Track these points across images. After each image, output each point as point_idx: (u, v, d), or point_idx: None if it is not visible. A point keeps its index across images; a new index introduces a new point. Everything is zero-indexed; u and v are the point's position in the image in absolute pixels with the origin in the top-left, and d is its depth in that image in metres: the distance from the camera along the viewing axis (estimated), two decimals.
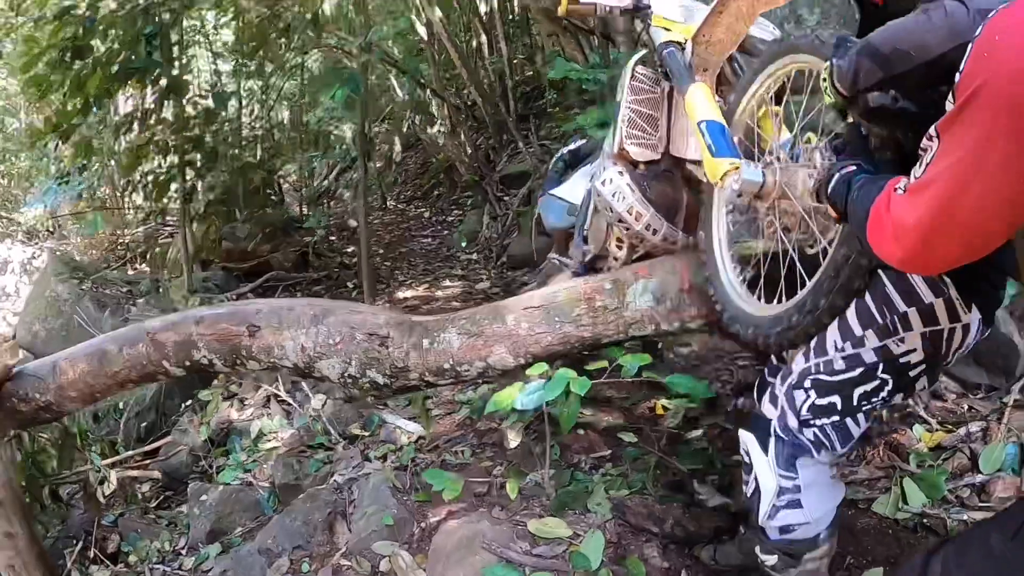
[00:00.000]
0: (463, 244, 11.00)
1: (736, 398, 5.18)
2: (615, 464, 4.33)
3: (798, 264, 2.78)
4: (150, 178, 8.67)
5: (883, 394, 2.65)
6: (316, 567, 4.11)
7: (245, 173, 10.14)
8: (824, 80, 2.32)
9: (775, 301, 2.94)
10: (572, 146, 5.12)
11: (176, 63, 8.04)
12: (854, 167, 2.22)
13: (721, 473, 4.19)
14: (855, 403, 2.67)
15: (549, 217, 4.84)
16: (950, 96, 1.54)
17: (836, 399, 2.66)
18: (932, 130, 1.60)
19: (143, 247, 12.86)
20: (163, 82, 7.84)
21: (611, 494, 3.90)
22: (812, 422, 2.71)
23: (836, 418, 2.68)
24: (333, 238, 11.70)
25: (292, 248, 10.76)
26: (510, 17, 13.10)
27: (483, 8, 11.94)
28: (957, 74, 1.50)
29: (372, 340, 3.88)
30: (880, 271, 2.51)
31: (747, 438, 2.97)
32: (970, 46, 1.48)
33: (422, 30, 11.85)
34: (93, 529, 5.96)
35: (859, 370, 2.62)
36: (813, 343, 2.74)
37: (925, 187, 1.63)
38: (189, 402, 7.40)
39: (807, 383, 2.71)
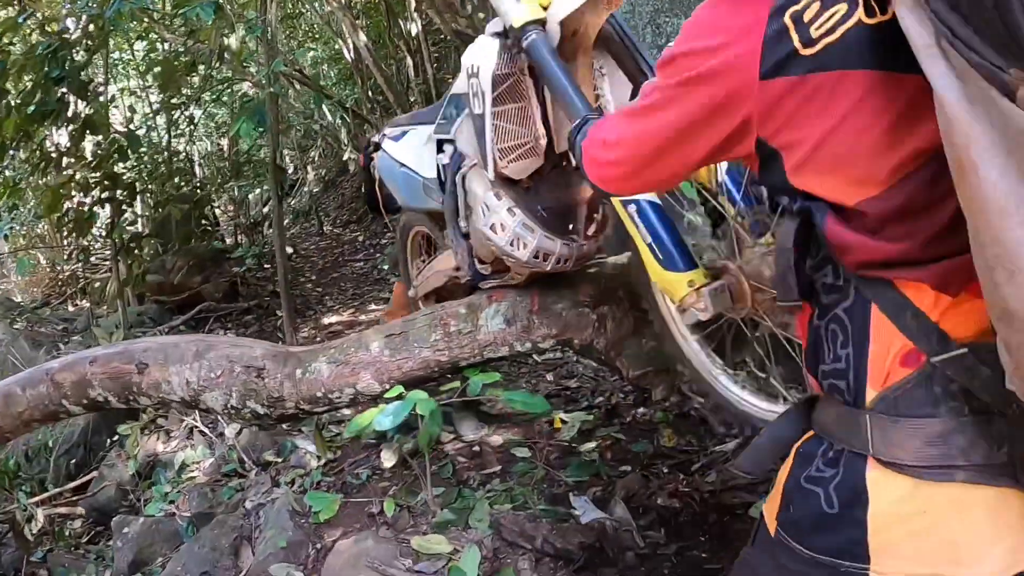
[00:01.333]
0: (385, 267, 11.08)
1: (636, 408, 5.37)
2: (504, 479, 4.48)
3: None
4: (71, 216, 8.71)
5: None
6: None
7: (167, 206, 10.20)
8: None
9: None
10: None
11: (89, 102, 8.09)
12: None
13: (606, 485, 4.36)
14: None
15: (399, 189, 4.43)
16: None
17: None
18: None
19: (81, 283, 12.89)
20: (78, 121, 7.91)
21: (494, 509, 4.04)
22: None
23: None
24: (268, 266, 11.76)
25: (223, 279, 10.81)
26: (438, 39, 13.23)
27: (413, 30, 12.04)
28: None
29: (249, 372, 4.02)
30: None
31: None
32: None
33: (349, 55, 11.96)
34: (23, 567, 6.05)
35: None
36: None
37: (634, 114, 1.77)
38: (116, 437, 7.46)
39: None
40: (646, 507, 4.12)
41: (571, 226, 3.35)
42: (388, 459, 4.56)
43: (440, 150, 3.77)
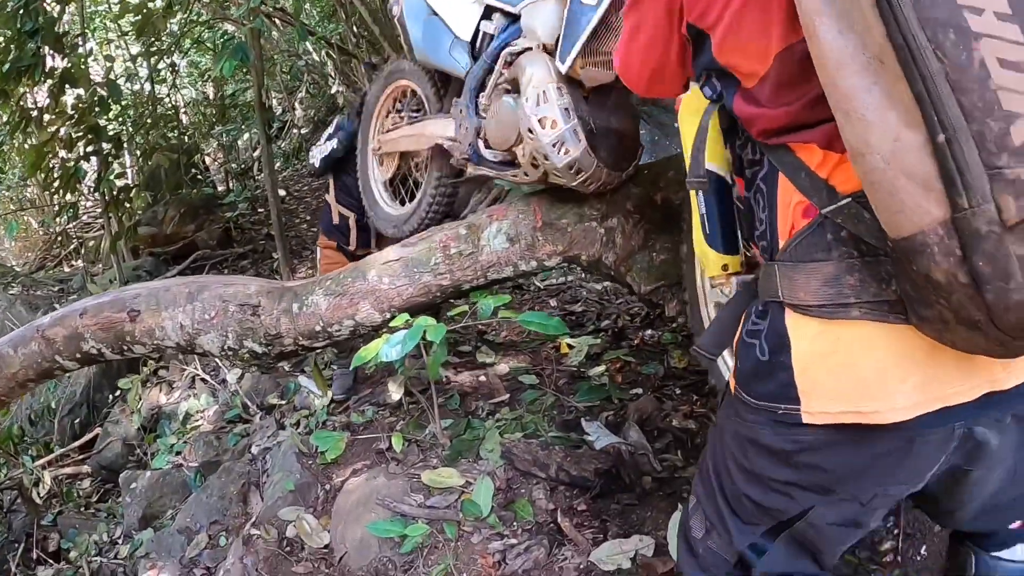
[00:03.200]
0: None
1: (643, 330, 5.26)
2: (513, 408, 4.38)
3: None
4: (58, 174, 8.53)
5: None
6: (232, 539, 4.14)
7: (154, 156, 10.03)
8: None
9: None
10: None
11: (66, 55, 7.89)
12: None
13: (618, 408, 4.25)
14: None
15: (419, 36, 4.08)
16: None
17: None
18: None
19: (74, 243, 12.77)
20: (56, 76, 7.72)
21: (505, 438, 3.94)
22: None
23: None
24: (261, 210, 11.61)
25: (216, 226, 10.67)
26: None
27: None
28: None
29: (244, 311, 3.89)
30: None
31: None
32: None
33: None
34: (33, 531, 5.98)
35: None
36: None
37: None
38: (118, 392, 7.39)
39: None
40: (661, 430, 4.02)
41: (609, 151, 3.26)
42: (395, 391, 4.44)
43: (487, 16, 3.64)
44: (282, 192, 11.71)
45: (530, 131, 3.18)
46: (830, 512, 1.86)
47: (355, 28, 11.55)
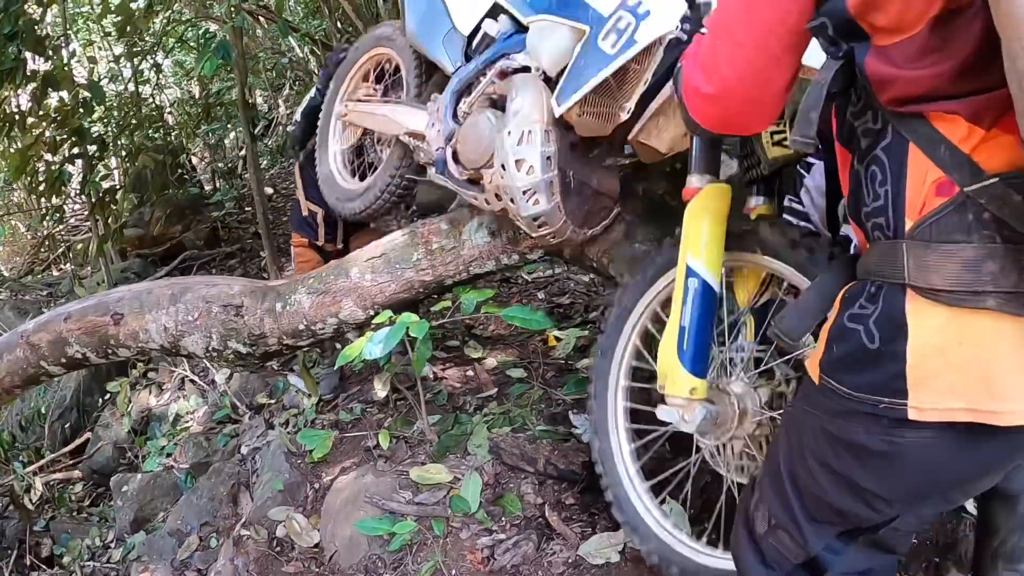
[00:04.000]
0: None
1: None
2: (500, 402, 4.38)
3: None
4: (42, 177, 8.52)
5: None
6: (223, 541, 4.14)
7: (139, 158, 9.99)
8: None
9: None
10: None
11: (48, 58, 7.87)
12: None
13: None
14: None
15: (415, 13, 3.82)
16: None
17: None
18: None
19: (62, 247, 12.73)
20: (37, 79, 7.70)
21: (493, 433, 3.93)
22: None
23: None
24: (248, 208, 11.58)
25: (203, 225, 10.66)
26: None
27: None
28: None
29: (228, 311, 3.89)
30: None
31: None
32: None
33: None
34: (26, 537, 5.99)
35: None
36: None
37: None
38: (108, 396, 7.38)
39: None
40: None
41: (581, 209, 3.12)
42: (380, 389, 4.43)
43: (493, 15, 3.40)
44: (269, 190, 11.65)
45: (503, 167, 2.97)
46: (917, 515, 1.83)
47: (339, 24, 11.53)
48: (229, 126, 12.70)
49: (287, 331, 3.84)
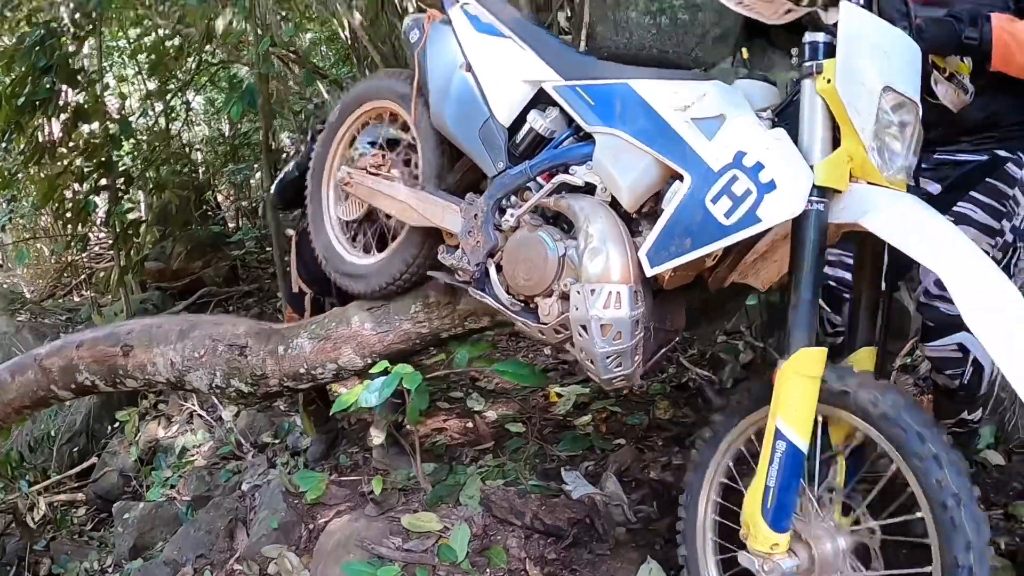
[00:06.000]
0: None
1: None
2: (496, 455, 4.47)
3: None
4: (69, 205, 8.73)
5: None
6: (216, 573, 4.22)
7: (165, 192, 10.20)
8: None
9: None
10: None
11: (81, 90, 8.10)
12: None
13: (599, 458, 4.34)
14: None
15: (443, 97, 3.30)
16: None
17: None
18: None
19: (84, 274, 12.91)
20: (69, 110, 7.92)
21: (486, 485, 4.02)
22: None
23: None
24: (269, 248, 11.72)
25: (223, 263, 10.83)
26: None
27: (409, 7, 11.92)
28: None
29: (232, 350, 4.01)
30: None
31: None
32: None
33: (345, 34, 11.86)
34: (26, 555, 6.08)
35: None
36: None
37: None
38: (117, 424, 7.49)
39: None
40: (639, 481, 4.10)
41: (651, 353, 2.83)
42: (377, 436, 4.53)
43: (539, 105, 3.07)
44: (290, 231, 11.80)
45: (584, 329, 2.64)
46: None
47: (367, 71, 11.70)
48: (256, 166, 12.91)
49: (288, 373, 3.96)
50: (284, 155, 13.18)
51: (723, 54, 5.14)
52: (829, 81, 2.27)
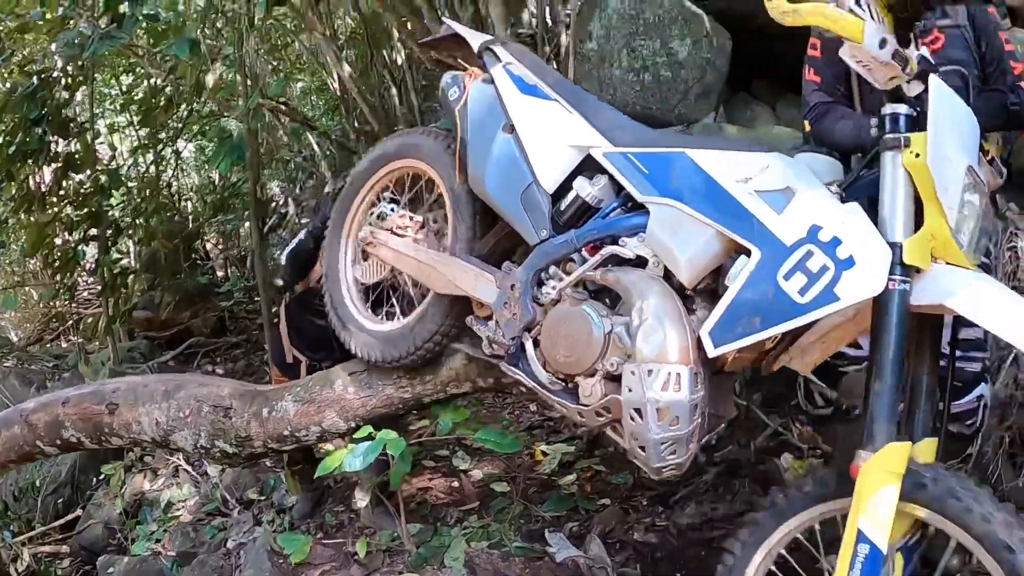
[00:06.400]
0: None
1: None
2: (481, 516, 4.48)
3: None
4: (57, 254, 8.77)
5: None
6: None
7: (153, 242, 10.22)
8: None
9: None
10: None
11: (71, 140, 8.16)
12: None
13: (583, 519, 4.35)
14: None
15: (482, 159, 3.16)
16: None
17: None
18: None
19: (72, 320, 12.89)
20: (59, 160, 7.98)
21: (471, 546, 4.04)
22: None
23: None
24: (257, 299, 11.74)
25: (211, 313, 10.83)
26: (423, 68, 13.17)
27: (398, 59, 12.02)
28: None
29: (217, 412, 4.07)
30: None
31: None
32: None
33: (334, 85, 11.95)
34: None
35: None
36: None
37: None
38: (103, 476, 7.47)
39: None
40: (623, 542, 4.13)
41: (701, 435, 2.63)
42: (361, 499, 4.55)
43: (585, 171, 2.95)
44: (279, 282, 11.82)
45: (638, 413, 2.47)
46: None
47: (355, 123, 11.76)
48: (245, 216, 12.95)
49: (272, 435, 4.00)
50: (273, 204, 13.29)
51: (705, 110, 5.26)
52: (918, 156, 2.23)
